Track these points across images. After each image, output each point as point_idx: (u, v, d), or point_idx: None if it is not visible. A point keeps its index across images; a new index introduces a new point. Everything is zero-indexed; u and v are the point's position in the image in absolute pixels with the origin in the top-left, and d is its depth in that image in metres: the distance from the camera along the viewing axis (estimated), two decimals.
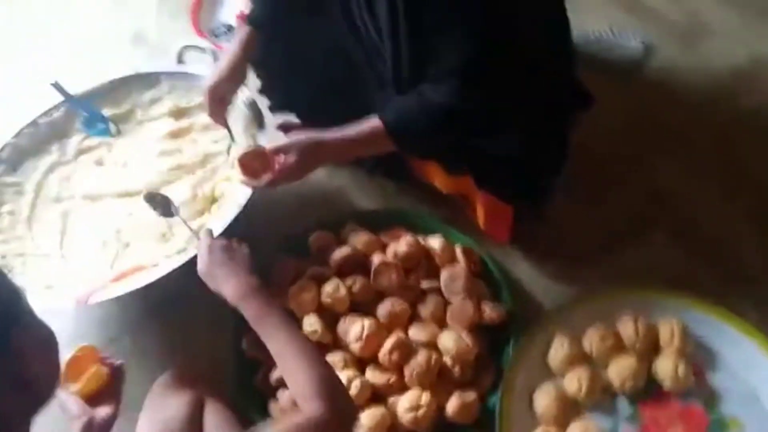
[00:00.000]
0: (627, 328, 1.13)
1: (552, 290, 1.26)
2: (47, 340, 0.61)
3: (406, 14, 1.03)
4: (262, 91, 1.38)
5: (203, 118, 1.39)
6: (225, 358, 1.20)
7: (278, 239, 1.33)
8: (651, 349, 1.13)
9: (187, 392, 1.07)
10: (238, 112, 1.32)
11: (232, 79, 1.19)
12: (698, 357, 1.12)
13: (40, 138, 1.43)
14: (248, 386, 1.16)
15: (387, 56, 1.12)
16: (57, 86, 1.40)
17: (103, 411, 0.85)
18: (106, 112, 1.46)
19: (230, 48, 1.20)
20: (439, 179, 1.27)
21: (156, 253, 1.23)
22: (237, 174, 1.15)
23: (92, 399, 0.86)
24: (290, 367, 0.81)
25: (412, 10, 1.02)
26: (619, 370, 1.09)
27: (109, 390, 0.88)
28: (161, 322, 1.31)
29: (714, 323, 1.14)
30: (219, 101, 1.20)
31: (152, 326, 1.31)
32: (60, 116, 1.44)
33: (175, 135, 1.45)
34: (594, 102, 1.29)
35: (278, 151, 1.09)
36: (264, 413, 1.12)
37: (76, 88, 1.44)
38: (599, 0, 1.75)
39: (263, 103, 1.38)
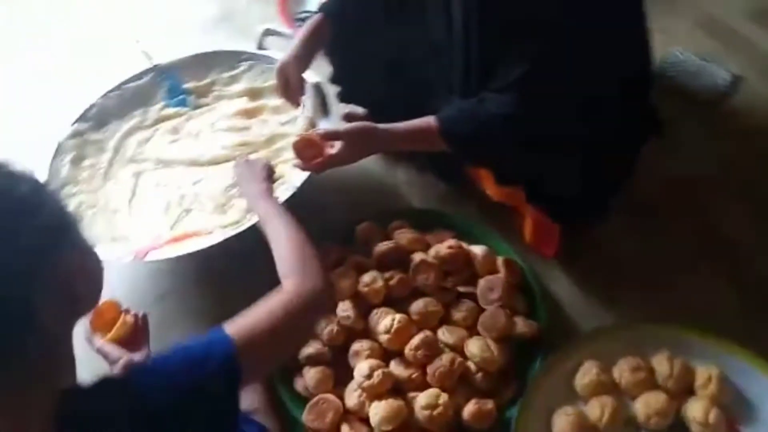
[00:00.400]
0: (662, 365, 1.10)
1: (590, 312, 1.24)
2: (97, 265, 0.69)
3: (480, 21, 1.05)
4: (333, 79, 1.42)
5: (276, 100, 1.46)
6: None
7: (326, 224, 1.37)
8: (684, 390, 1.09)
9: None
10: (307, 96, 1.37)
11: (298, 61, 1.24)
12: (734, 408, 1.07)
13: (126, 102, 1.53)
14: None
15: (457, 62, 1.14)
16: (145, 54, 1.50)
17: (138, 354, 0.92)
18: (187, 84, 1.54)
19: (302, 31, 1.25)
20: (490, 186, 1.27)
21: (213, 222, 1.30)
22: (291, 156, 1.20)
23: (123, 345, 0.94)
24: (280, 252, 0.89)
25: (487, 18, 1.03)
26: (647, 403, 1.06)
27: (137, 337, 0.98)
28: (207, 287, 1.39)
29: (756, 375, 1.08)
30: (285, 82, 1.26)
31: (198, 290, 1.39)
32: (145, 83, 1.54)
33: (247, 114, 1.52)
34: (667, 130, 1.25)
35: (329, 137, 1.12)
36: (290, 388, 1.17)
37: (162, 59, 1.54)
38: (687, 25, 1.69)
39: (332, 90, 1.42)
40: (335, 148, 1.12)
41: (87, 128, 1.49)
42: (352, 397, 1.12)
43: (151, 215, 1.36)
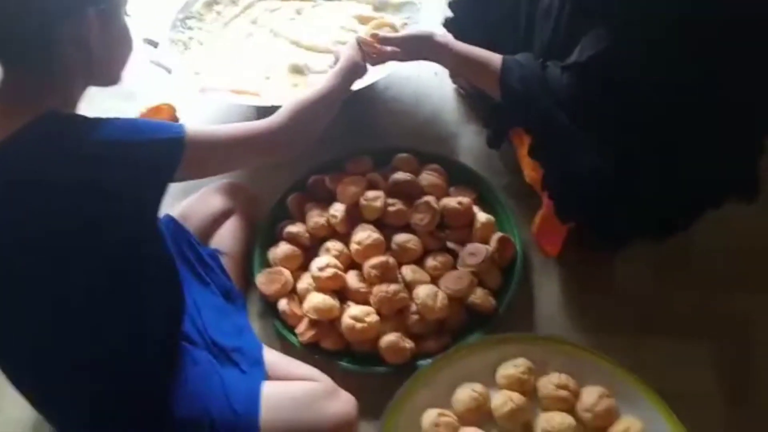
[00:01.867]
0: (590, 396, 1.06)
1: (560, 322, 1.21)
2: (121, 36, 0.89)
3: None
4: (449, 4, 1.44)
5: (395, 18, 1.55)
6: (271, 200, 1.37)
7: (374, 142, 1.46)
8: (596, 429, 1.05)
9: (225, 200, 1.29)
10: None
11: None
12: None
13: None
14: (271, 231, 1.33)
15: (547, 32, 1.13)
16: (149, 42, 1.56)
17: None
18: None
19: None
20: (525, 164, 1.25)
21: (279, 93, 1.42)
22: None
23: None
24: (296, 98, 1.04)
25: None
26: (551, 420, 1.04)
27: None
28: None
29: None
30: None
31: None
32: None
33: (363, 20, 1.61)
34: (755, 194, 1.15)
35: (386, 41, 1.19)
36: (263, 253, 1.29)
37: None
38: None
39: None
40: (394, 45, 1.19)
41: None
42: (303, 280, 1.22)
43: (235, 68, 1.51)
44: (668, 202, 1.11)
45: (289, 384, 1.03)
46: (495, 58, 1.13)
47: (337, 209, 1.27)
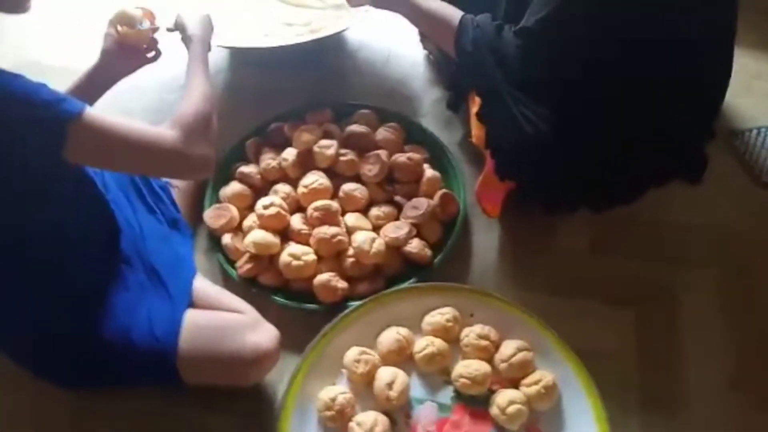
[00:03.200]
0: (508, 348, 1.09)
1: (496, 280, 1.24)
2: None
3: None
4: None
5: None
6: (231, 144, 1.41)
7: (336, 95, 1.50)
8: (510, 378, 1.08)
9: None
10: None
11: None
12: (547, 416, 1.05)
13: None
14: (226, 171, 1.36)
15: None
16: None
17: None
18: None
19: None
20: (474, 125, 1.28)
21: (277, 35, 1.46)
22: None
23: (128, 47, 1.14)
24: (187, 99, 0.99)
25: None
26: (468, 366, 1.07)
27: (141, 51, 1.17)
28: (251, 78, 1.62)
29: (585, 404, 1.05)
30: None
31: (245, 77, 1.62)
32: None
33: None
34: (701, 176, 1.18)
35: None
36: (215, 192, 1.33)
37: None
38: None
39: None
40: None
41: None
42: (249, 219, 1.25)
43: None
44: (609, 174, 1.14)
45: (214, 313, 1.07)
46: (455, 16, 1.15)
47: (290, 153, 1.30)
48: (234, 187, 1.29)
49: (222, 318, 1.05)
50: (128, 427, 1.08)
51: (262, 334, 1.04)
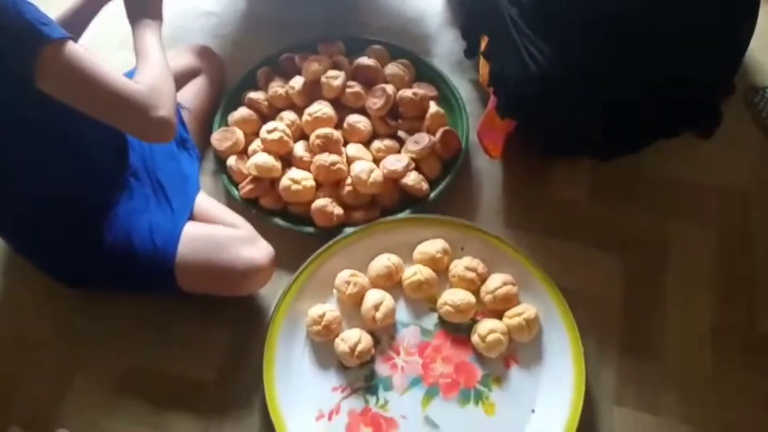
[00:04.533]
0: (494, 282, 1.12)
1: (486, 217, 1.26)
2: None
3: None
4: None
5: None
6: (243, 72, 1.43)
7: (354, 30, 1.51)
8: (494, 310, 1.12)
9: (194, 60, 1.36)
10: None
11: None
12: (524, 347, 1.09)
13: None
14: (236, 98, 1.39)
15: None
16: None
17: None
18: None
19: None
20: (483, 65, 1.28)
21: None
22: None
23: None
24: (144, 65, 0.99)
25: None
26: (453, 295, 1.11)
27: None
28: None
29: (565, 337, 1.08)
30: None
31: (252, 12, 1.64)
32: None
33: None
34: (713, 130, 1.17)
35: None
36: (224, 117, 1.36)
37: None
38: None
39: None
40: None
41: None
42: (254, 143, 1.29)
43: None
44: (614, 119, 1.13)
45: (212, 227, 1.11)
46: None
47: (297, 81, 1.32)
48: (241, 111, 1.32)
49: (219, 231, 1.10)
50: (125, 333, 1.14)
51: (257, 249, 1.08)
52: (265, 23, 1.60)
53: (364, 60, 1.35)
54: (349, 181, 1.22)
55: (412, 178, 1.22)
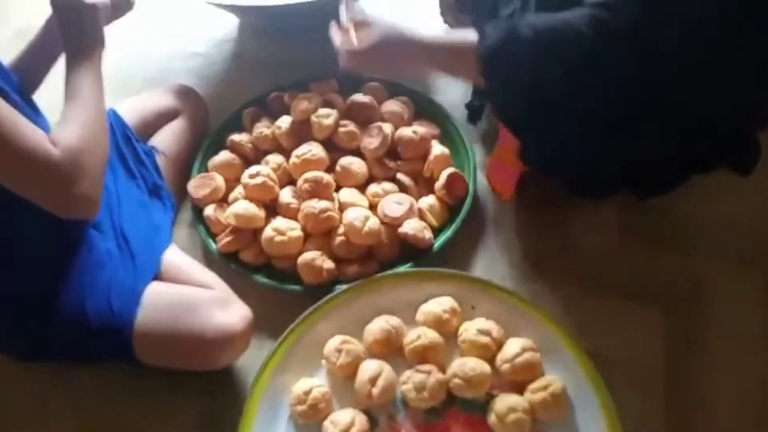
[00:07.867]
0: (513, 348, 0.95)
1: (499, 270, 1.10)
2: None
3: None
4: None
5: None
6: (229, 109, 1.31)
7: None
8: (513, 382, 0.94)
9: (174, 100, 1.24)
10: None
11: None
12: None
13: None
14: (219, 140, 1.26)
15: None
16: None
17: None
18: None
19: None
20: None
21: None
22: None
23: None
24: (70, 113, 0.84)
25: None
26: (464, 365, 0.93)
27: None
28: (266, 41, 1.55)
29: (597, 411, 0.90)
30: None
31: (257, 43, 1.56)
32: None
33: None
34: (753, 167, 1.02)
35: (358, 22, 1.02)
36: (204, 160, 1.22)
37: None
38: None
39: None
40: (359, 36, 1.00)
41: None
42: (236, 190, 1.14)
43: None
44: (645, 156, 0.99)
45: (180, 287, 0.96)
46: (471, 33, 0.91)
47: (284, 121, 1.19)
48: (223, 155, 1.19)
49: (187, 292, 0.94)
50: (92, 404, 0.99)
51: (231, 312, 0.92)
52: (256, 63, 1.50)
53: (359, 97, 1.22)
54: (341, 230, 1.06)
55: (413, 227, 1.07)
